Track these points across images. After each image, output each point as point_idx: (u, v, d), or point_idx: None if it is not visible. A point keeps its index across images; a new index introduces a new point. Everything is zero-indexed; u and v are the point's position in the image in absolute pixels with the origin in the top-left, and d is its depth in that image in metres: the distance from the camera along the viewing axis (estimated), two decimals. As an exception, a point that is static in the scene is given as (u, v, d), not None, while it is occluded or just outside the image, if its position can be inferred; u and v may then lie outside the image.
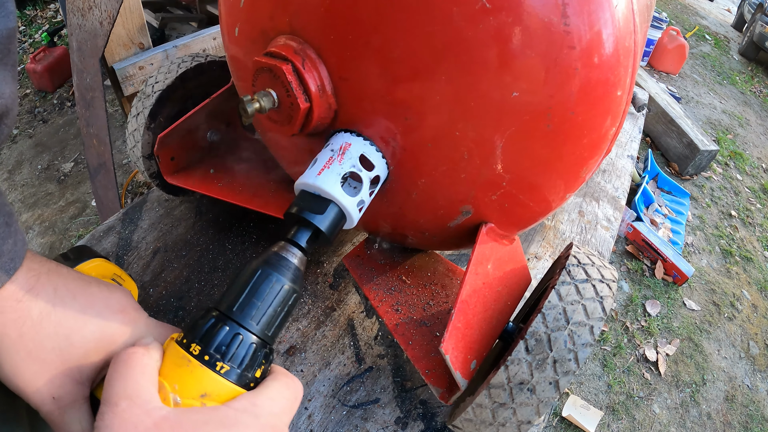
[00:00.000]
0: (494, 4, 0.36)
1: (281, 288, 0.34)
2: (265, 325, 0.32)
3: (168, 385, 0.28)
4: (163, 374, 0.29)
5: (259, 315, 0.32)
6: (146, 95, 0.69)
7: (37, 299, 0.30)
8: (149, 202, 0.84)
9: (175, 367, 0.29)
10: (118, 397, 0.27)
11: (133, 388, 0.27)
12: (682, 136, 3.05)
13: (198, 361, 0.29)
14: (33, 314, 0.30)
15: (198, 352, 0.29)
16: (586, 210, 1.05)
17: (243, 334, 0.31)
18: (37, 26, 3.55)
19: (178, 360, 0.30)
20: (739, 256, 2.64)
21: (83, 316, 0.32)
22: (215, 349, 0.30)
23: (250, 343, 0.31)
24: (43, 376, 0.30)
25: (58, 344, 0.31)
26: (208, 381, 0.29)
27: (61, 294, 0.32)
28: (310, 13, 0.41)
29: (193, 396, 0.28)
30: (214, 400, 0.29)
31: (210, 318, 0.31)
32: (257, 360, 0.31)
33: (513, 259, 0.56)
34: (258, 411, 0.28)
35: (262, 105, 0.41)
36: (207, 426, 0.26)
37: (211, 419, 0.27)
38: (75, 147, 2.53)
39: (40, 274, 0.31)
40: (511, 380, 0.42)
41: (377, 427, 0.58)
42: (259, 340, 0.32)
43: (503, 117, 0.40)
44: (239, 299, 0.32)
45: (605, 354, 1.93)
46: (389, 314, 0.61)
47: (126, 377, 0.28)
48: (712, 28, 6.18)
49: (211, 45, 1.88)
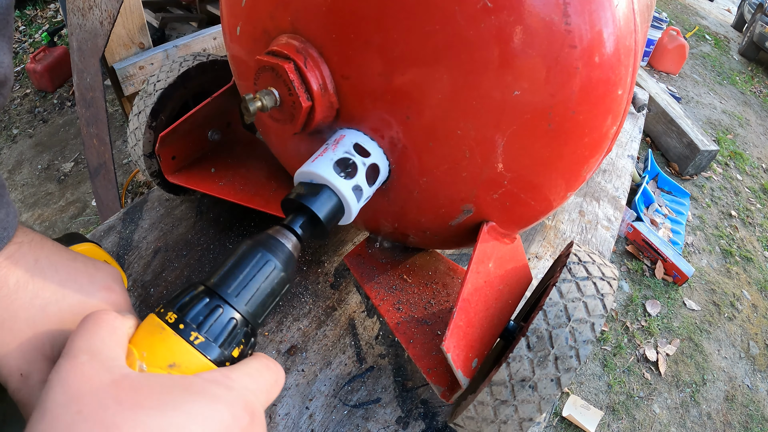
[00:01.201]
0: (495, 4, 0.36)
1: (271, 269, 0.32)
2: (249, 303, 0.31)
3: (136, 352, 0.26)
4: (134, 342, 0.27)
5: (244, 292, 0.31)
6: (148, 94, 0.69)
7: (16, 268, 0.29)
8: (150, 202, 0.84)
9: (146, 335, 0.28)
10: (79, 351, 0.24)
11: (97, 345, 0.25)
12: (682, 136, 3.06)
13: (171, 330, 0.27)
14: (10, 282, 0.28)
15: (173, 320, 0.28)
16: (586, 210, 1.06)
17: (224, 308, 0.29)
18: (37, 26, 3.55)
19: (151, 328, 0.28)
20: (739, 256, 2.64)
21: (62, 289, 0.30)
22: (192, 319, 0.28)
23: (230, 318, 0.29)
24: (12, 346, 0.28)
25: (32, 315, 0.29)
26: (180, 350, 0.27)
27: (42, 265, 0.30)
28: (311, 11, 0.41)
29: (160, 365, 0.26)
30: (183, 372, 0.27)
31: (191, 290, 0.30)
32: (236, 337, 0.29)
33: (514, 258, 0.56)
34: (231, 384, 0.26)
35: (264, 104, 0.41)
36: (171, 391, 0.24)
37: (177, 385, 0.24)
38: (75, 147, 2.53)
39: (22, 244, 0.30)
40: (512, 377, 0.42)
41: (378, 426, 0.58)
42: (241, 318, 0.30)
43: (504, 116, 0.40)
44: (224, 273, 0.31)
45: (605, 354, 1.93)
46: (390, 313, 0.61)
47: (92, 333, 0.25)
48: (712, 28, 6.18)
49: (211, 45, 1.88)
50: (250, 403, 0.26)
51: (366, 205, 0.56)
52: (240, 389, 0.26)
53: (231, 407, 0.24)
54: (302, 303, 0.71)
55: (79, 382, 0.23)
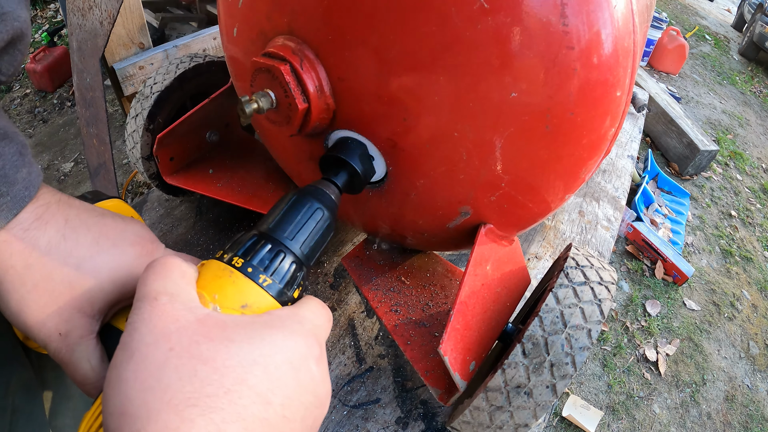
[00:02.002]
0: (492, 5, 0.36)
1: (320, 215, 0.35)
2: (303, 245, 0.33)
3: (207, 295, 0.27)
4: (202, 285, 0.28)
5: (299, 236, 0.33)
6: (145, 96, 0.68)
7: (46, 228, 0.29)
8: (149, 202, 0.84)
9: (215, 279, 0.28)
10: (158, 293, 0.24)
11: (174, 287, 0.25)
12: (682, 136, 3.05)
13: (241, 273, 0.28)
14: (41, 244, 0.28)
15: (240, 264, 0.29)
16: (586, 210, 1.05)
17: (284, 251, 0.31)
18: (37, 26, 3.54)
19: (218, 272, 0.29)
20: (739, 256, 2.63)
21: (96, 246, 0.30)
22: (258, 263, 0.29)
23: (292, 261, 0.31)
24: (50, 309, 0.28)
25: (67, 275, 0.29)
26: (250, 292, 0.28)
27: (73, 224, 0.30)
28: (308, 13, 0.41)
29: (233, 306, 0.27)
30: (255, 312, 0.28)
31: (251, 236, 0.31)
32: (297, 279, 0.31)
33: (512, 260, 0.56)
34: (301, 319, 0.27)
35: (261, 105, 0.41)
36: (253, 326, 0.25)
37: (256, 322, 0.25)
38: (75, 147, 2.53)
39: (50, 204, 0.30)
40: (508, 384, 0.42)
41: (378, 427, 0.58)
42: (297, 260, 0.32)
43: (502, 118, 0.40)
44: (279, 219, 0.33)
45: (605, 354, 1.93)
46: (388, 315, 0.61)
47: (165, 276, 0.25)
48: (712, 28, 6.18)
49: (211, 45, 1.88)
50: (319, 335, 0.28)
51: (364, 206, 0.56)
52: (309, 324, 0.28)
53: (306, 338, 0.26)
54: (300, 304, 0.71)
55: (165, 322, 0.23)
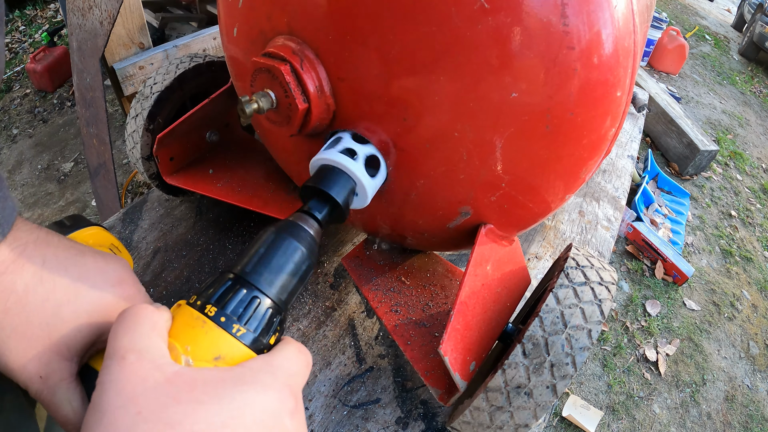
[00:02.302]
0: (493, 4, 0.36)
1: (299, 256, 0.33)
2: (280, 289, 0.31)
3: (179, 346, 0.27)
4: (174, 335, 0.27)
5: (275, 279, 0.31)
6: (145, 96, 0.68)
7: (23, 271, 0.28)
8: (149, 202, 0.84)
9: (187, 328, 0.28)
10: (125, 350, 0.24)
11: (142, 342, 0.25)
12: (682, 136, 3.05)
13: (214, 323, 0.28)
14: (18, 287, 0.28)
15: (213, 313, 0.28)
16: (586, 210, 1.05)
17: (260, 298, 0.30)
18: (37, 26, 3.54)
19: (191, 321, 0.28)
20: (739, 256, 2.63)
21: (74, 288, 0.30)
22: (232, 311, 0.28)
23: (267, 307, 0.30)
24: (29, 354, 0.28)
25: (45, 319, 0.29)
26: (224, 343, 0.27)
27: (51, 265, 0.30)
28: (308, 13, 0.41)
29: (206, 358, 0.27)
30: (228, 364, 0.27)
31: (226, 280, 0.30)
32: (273, 326, 0.30)
33: (512, 261, 0.56)
34: (274, 370, 0.27)
35: (261, 106, 0.41)
36: (224, 384, 0.24)
37: (227, 378, 0.25)
38: (75, 147, 2.53)
39: (27, 244, 0.29)
40: (508, 384, 0.42)
41: (378, 427, 0.58)
42: (274, 305, 0.31)
43: (502, 118, 0.40)
44: (255, 262, 0.31)
45: (605, 354, 1.93)
46: (388, 315, 0.61)
47: (134, 330, 0.25)
48: (712, 28, 6.17)
49: (211, 45, 1.88)
50: (293, 386, 0.27)
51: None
52: (282, 375, 0.27)
53: (278, 392, 0.26)
54: (302, 303, 0.71)
55: (133, 383, 0.23)
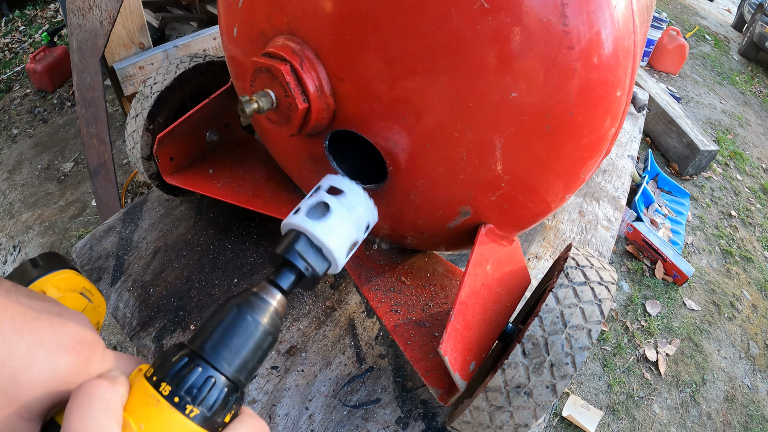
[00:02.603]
0: (493, 4, 0.36)
1: (258, 330, 0.33)
2: (238, 367, 0.32)
3: (134, 424, 0.28)
4: (129, 410, 0.29)
5: (233, 357, 0.32)
6: (145, 96, 0.68)
7: None
8: (149, 202, 0.84)
9: (142, 405, 0.29)
10: None
11: (94, 426, 0.26)
12: (682, 136, 3.05)
13: (167, 402, 0.28)
14: None
15: (168, 392, 0.29)
16: (586, 210, 1.05)
17: (215, 377, 0.30)
18: (37, 26, 3.54)
19: (146, 398, 0.29)
20: (739, 256, 2.63)
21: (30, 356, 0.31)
22: (186, 391, 0.29)
23: (222, 387, 0.30)
24: None
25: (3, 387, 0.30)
26: (177, 424, 0.28)
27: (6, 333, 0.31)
28: (308, 13, 0.41)
29: None
30: None
31: (183, 357, 0.31)
32: (228, 404, 0.31)
33: (512, 260, 0.56)
34: None
35: (261, 105, 0.41)
36: None
37: None
38: (75, 147, 2.53)
39: None
40: (508, 384, 0.42)
41: (378, 427, 0.58)
42: (231, 384, 0.31)
43: (502, 118, 0.40)
44: (213, 339, 0.32)
45: (605, 354, 1.93)
46: (388, 315, 0.61)
47: (87, 413, 0.27)
48: (712, 28, 6.17)
49: (211, 45, 1.88)
50: None
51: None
52: None
53: None
54: (302, 303, 0.71)
55: None
